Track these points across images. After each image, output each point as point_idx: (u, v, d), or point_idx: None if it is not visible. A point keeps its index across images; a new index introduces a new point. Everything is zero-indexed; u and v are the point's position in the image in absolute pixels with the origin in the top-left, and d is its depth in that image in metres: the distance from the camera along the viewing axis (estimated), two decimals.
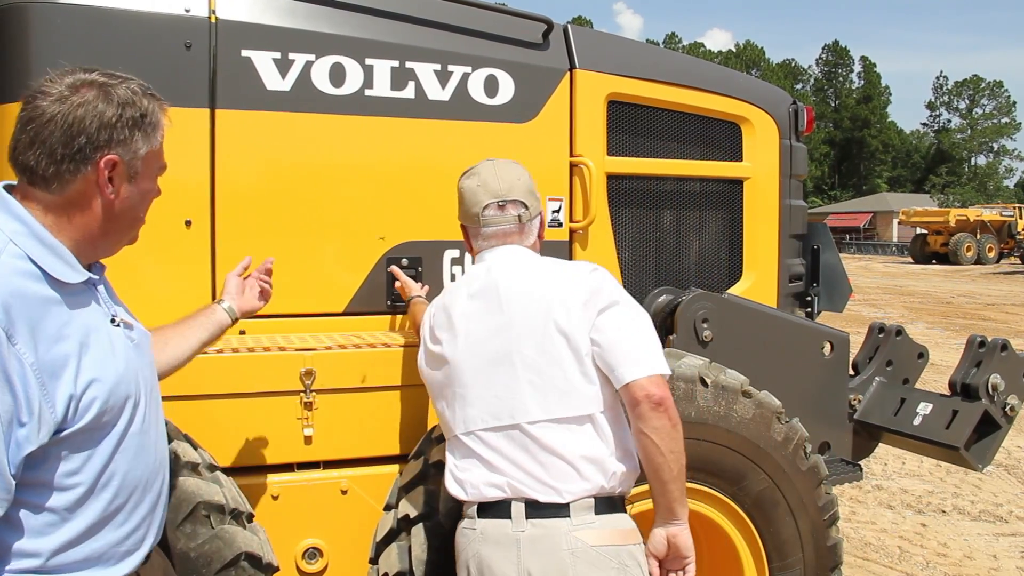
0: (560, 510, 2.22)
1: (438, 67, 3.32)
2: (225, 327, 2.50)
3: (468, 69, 3.37)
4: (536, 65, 3.50)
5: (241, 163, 3.08)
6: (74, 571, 1.71)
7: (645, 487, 2.41)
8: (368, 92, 3.23)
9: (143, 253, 2.65)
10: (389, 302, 3.30)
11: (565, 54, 3.57)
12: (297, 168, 3.17)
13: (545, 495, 2.22)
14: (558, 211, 3.49)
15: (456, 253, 3.39)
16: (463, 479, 2.34)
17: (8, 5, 2.84)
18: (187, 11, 2.99)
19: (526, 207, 2.55)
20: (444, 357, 2.44)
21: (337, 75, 3.18)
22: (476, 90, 3.38)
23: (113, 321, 1.83)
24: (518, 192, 2.55)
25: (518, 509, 2.23)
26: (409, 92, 3.28)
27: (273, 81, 3.09)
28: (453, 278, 3.35)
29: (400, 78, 3.27)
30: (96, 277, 1.82)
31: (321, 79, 3.16)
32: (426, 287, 3.24)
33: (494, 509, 2.27)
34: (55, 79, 1.73)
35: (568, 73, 3.55)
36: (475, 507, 2.31)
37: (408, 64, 3.27)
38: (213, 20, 3.02)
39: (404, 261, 3.31)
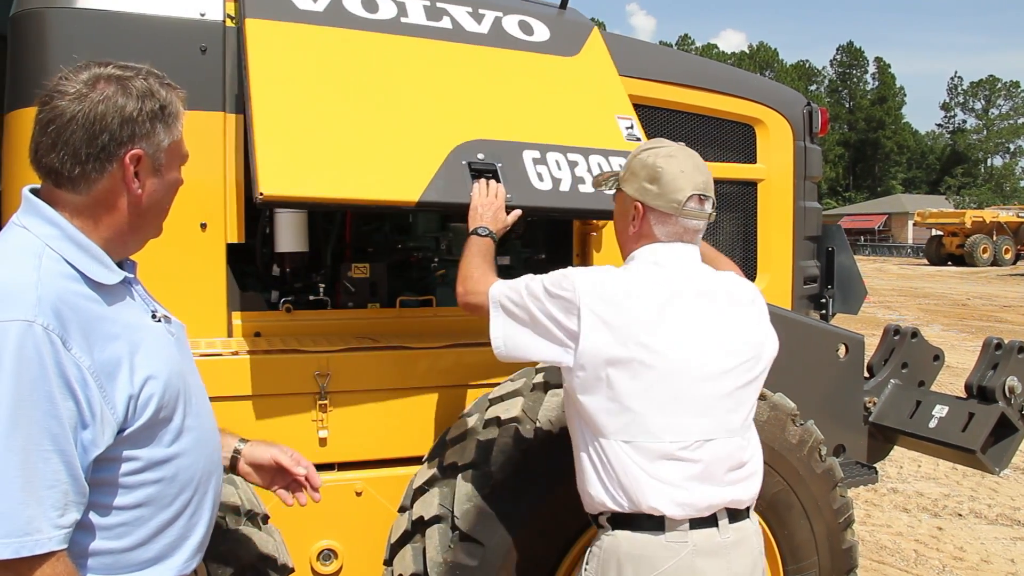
0: (744, 512, 2.31)
1: (470, 9, 3.35)
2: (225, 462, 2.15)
3: (499, 14, 3.41)
4: (564, 18, 3.61)
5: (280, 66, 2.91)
6: (147, 567, 1.73)
7: None
8: (404, 19, 3.21)
9: (158, 256, 2.67)
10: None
11: (587, 17, 3.63)
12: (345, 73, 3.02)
13: (741, 503, 2.29)
14: (631, 127, 3.36)
15: (537, 154, 3.03)
16: (682, 500, 2.19)
17: (26, 11, 2.87)
18: (202, 15, 3.01)
19: (715, 207, 2.43)
20: (654, 355, 2.18)
21: (370, 4, 3.18)
22: (512, 28, 3.42)
23: (154, 317, 1.83)
24: (711, 188, 2.38)
25: (723, 517, 2.25)
26: (446, 23, 3.28)
27: (304, 2, 3.07)
28: (540, 178, 3.00)
29: (434, 13, 3.27)
30: (132, 276, 1.81)
31: (354, 5, 3.15)
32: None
33: (702, 520, 2.24)
34: (70, 76, 1.70)
35: (596, 28, 3.63)
36: (687, 522, 2.24)
37: (439, 4, 3.29)
38: (229, 24, 3.03)
39: (480, 155, 2.94)
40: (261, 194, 2.54)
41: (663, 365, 2.19)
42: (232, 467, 2.15)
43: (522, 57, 3.37)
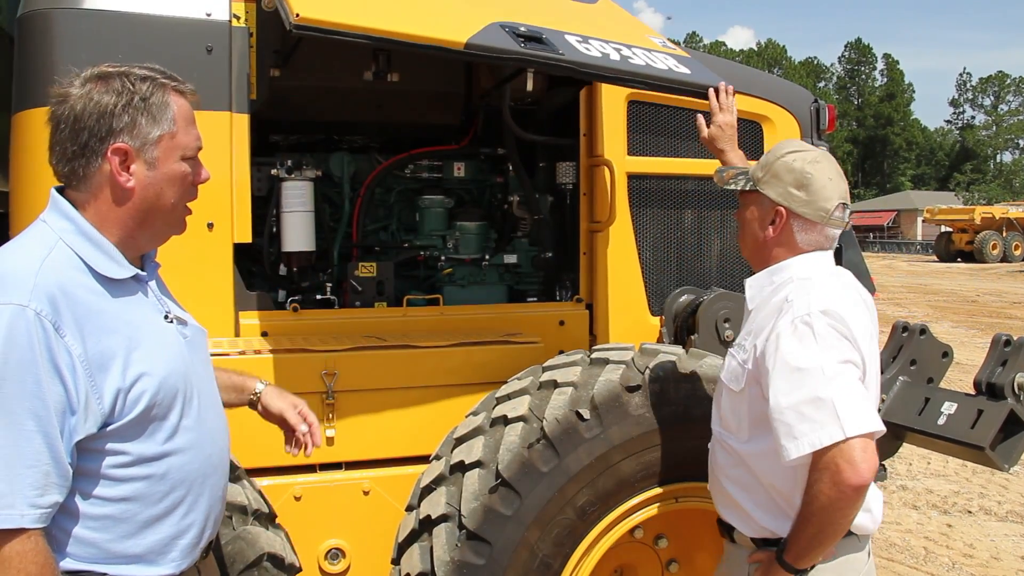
0: None
1: None
2: (245, 403, 2.31)
3: None
4: None
5: None
6: (134, 563, 1.75)
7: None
8: None
9: (165, 256, 2.67)
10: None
11: None
12: None
13: None
14: (664, 43, 3.37)
15: (579, 38, 2.92)
16: (877, 517, 2.35)
17: (33, 12, 2.88)
18: (208, 15, 3.02)
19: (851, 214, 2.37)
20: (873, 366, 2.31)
21: None
22: None
23: (166, 317, 1.86)
24: (849, 196, 2.35)
25: None
26: None
27: None
28: (588, 50, 2.88)
29: None
30: (144, 273, 1.85)
31: None
32: None
33: None
34: (63, 81, 1.77)
35: None
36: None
37: None
38: (235, 24, 3.04)
39: (523, 28, 2.81)
40: (297, 15, 2.33)
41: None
42: (252, 406, 2.31)
43: None
